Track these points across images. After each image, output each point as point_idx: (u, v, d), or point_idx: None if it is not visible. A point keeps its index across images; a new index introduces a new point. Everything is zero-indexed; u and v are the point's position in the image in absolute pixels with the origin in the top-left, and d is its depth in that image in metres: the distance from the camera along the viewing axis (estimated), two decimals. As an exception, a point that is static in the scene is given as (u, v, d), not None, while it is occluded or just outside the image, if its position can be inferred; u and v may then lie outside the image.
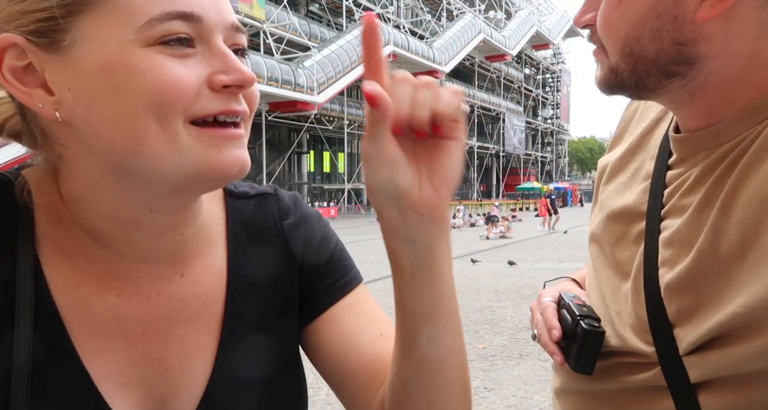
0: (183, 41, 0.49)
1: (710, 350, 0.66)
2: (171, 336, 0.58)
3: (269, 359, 0.64)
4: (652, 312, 0.72)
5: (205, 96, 0.50)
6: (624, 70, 0.70)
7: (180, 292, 0.59)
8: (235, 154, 0.52)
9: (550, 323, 0.85)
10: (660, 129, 0.85)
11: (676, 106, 0.74)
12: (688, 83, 0.68)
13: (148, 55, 0.47)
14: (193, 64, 0.49)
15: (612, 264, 0.83)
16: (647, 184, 0.80)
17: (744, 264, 0.62)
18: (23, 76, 0.50)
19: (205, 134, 0.50)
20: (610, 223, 0.84)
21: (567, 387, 0.86)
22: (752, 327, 0.61)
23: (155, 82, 0.47)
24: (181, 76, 0.48)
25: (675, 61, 0.67)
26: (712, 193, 0.67)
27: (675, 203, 0.73)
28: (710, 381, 0.67)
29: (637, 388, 0.74)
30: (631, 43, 0.68)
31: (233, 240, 0.64)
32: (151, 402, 0.56)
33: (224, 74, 0.50)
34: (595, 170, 1.09)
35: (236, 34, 0.54)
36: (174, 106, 0.48)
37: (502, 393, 4.34)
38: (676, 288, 0.69)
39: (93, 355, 0.53)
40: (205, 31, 0.50)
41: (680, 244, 0.69)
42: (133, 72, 0.47)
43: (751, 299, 0.60)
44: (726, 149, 0.68)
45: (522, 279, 9.39)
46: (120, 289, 0.56)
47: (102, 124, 0.49)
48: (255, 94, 0.55)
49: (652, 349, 0.71)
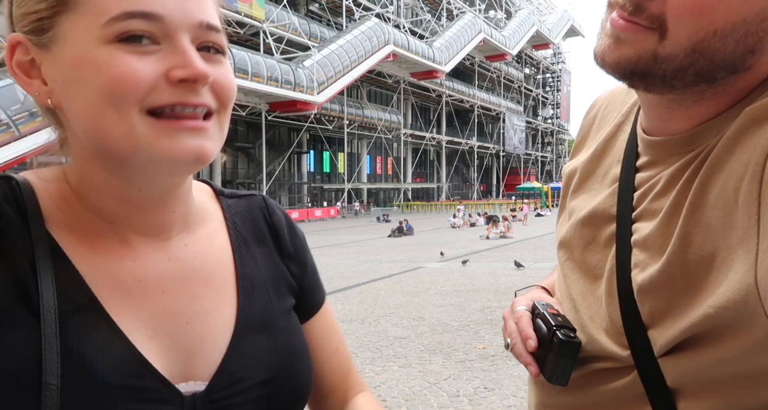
0: (141, 38, 0.53)
1: (685, 352, 0.65)
2: (188, 295, 0.64)
3: (283, 318, 0.71)
4: (626, 314, 0.71)
5: (161, 88, 0.54)
6: (675, 63, 0.63)
7: (189, 258, 0.66)
8: (191, 143, 0.55)
9: (525, 333, 0.83)
10: (623, 133, 0.84)
11: (668, 106, 0.71)
12: (709, 89, 0.66)
13: (108, 51, 0.53)
14: (152, 59, 0.54)
15: (582, 268, 0.82)
16: (615, 187, 0.79)
17: (713, 265, 0.62)
18: (30, 69, 0.57)
19: (160, 124, 0.54)
20: (580, 227, 0.83)
21: (545, 401, 0.85)
22: (724, 329, 0.61)
23: (110, 75, 0.52)
24: (135, 69, 0.53)
25: (730, 67, 0.63)
26: (681, 197, 0.66)
27: (646, 206, 0.72)
28: (688, 387, 0.66)
29: (615, 399, 0.73)
30: (715, 40, 0.61)
31: (232, 226, 0.73)
32: (176, 352, 0.61)
33: (180, 69, 0.54)
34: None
35: (208, 32, 0.57)
36: (126, 97, 0.53)
37: (502, 393, 4.33)
38: (649, 290, 0.68)
39: (119, 312, 0.58)
40: (169, 30, 0.54)
41: (653, 247, 0.69)
42: (93, 65, 0.53)
43: (721, 300, 0.60)
44: (695, 153, 0.67)
45: (522, 279, 9.38)
46: (134, 256, 0.62)
47: (77, 112, 0.55)
48: (225, 89, 0.59)
49: (627, 352, 0.70)
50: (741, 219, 0.59)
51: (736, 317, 0.59)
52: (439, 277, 10.17)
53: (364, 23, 31.87)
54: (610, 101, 0.93)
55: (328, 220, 32.31)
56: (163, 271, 0.63)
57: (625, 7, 0.64)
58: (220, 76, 0.58)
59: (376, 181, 45.01)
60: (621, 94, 0.90)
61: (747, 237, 0.58)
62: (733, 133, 0.63)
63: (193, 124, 0.56)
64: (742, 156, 0.61)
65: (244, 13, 24.36)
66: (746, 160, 0.60)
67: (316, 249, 15.47)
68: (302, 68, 26.70)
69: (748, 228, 0.58)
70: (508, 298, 8.22)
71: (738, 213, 0.59)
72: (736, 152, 0.62)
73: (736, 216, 0.60)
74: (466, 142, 48.84)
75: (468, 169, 53.18)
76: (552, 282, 0.99)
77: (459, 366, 5.04)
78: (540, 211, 32.95)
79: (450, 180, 52.30)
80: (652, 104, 0.73)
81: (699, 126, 0.68)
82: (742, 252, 0.58)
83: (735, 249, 0.59)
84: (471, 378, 4.70)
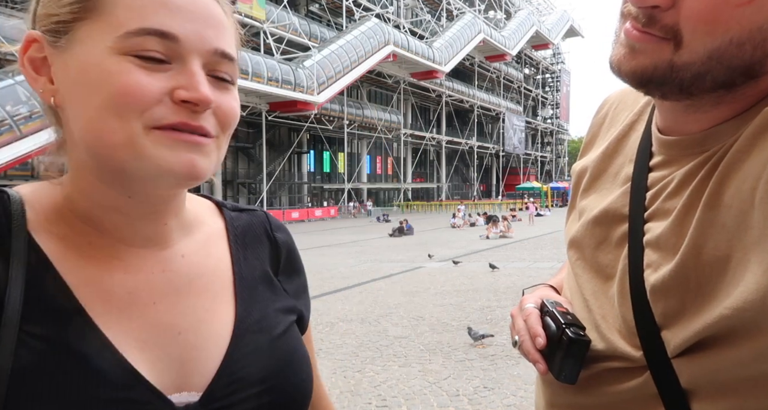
0: (154, 56, 0.55)
1: (700, 352, 0.65)
2: (181, 306, 0.64)
3: (281, 326, 0.70)
4: (638, 315, 0.71)
5: (165, 105, 0.56)
6: (692, 71, 0.62)
7: (184, 269, 0.66)
8: (188, 157, 0.57)
9: (534, 330, 0.82)
10: (636, 132, 0.83)
11: (685, 110, 0.70)
12: (728, 94, 0.65)
13: (119, 61, 0.55)
14: (161, 77, 0.56)
15: (593, 267, 0.82)
16: (627, 187, 0.78)
17: (728, 266, 0.61)
18: (41, 66, 0.59)
19: (163, 136, 0.56)
20: (591, 227, 0.83)
21: (554, 400, 0.84)
22: (741, 331, 0.60)
23: (117, 85, 0.54)
24: (142, 83, 0.54)
25: (749, 73, 0.62)
26: (696, 196, 0.66)
27: (659, 206, 0.72)
28: (702, 388, 0.66)
29: (627, 400, 0.72)
30: (732, 48, 0.60)
31: (233, 238, 0.73)
32: (168, 363, 0.60)
33: (185, 90, 0.56)
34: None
35: (221, 60, 0.59)
36: (130, 108, 0.54)
37: (502, 392, 4.34)
38: (662, 290, 0.68)
39: (108, 323, 0.57)
40: (182, 51, 0.56)
41: (666, 247, 0.69)
42: (103, 74, 0.55)
43: (738, 301, 0.59)
44: (710, 153, 0.67)
45: (522, 279, 9.40)
46: (126, 268, 0.61)
47: (78, 114, 0.57)
48: (228, 117, 0.60)
49: (640, 353, 0.70)
50: (757, 219, 0.58)
51: (754, 318, 0.58)
52: (439, 277, 10.17)
53: (364, 23, 31.87)
54: (621, 100, 0.93)
55: (328, 220, 32.30)
56: (155, 283, 0.63)
57: (639, 19, 0.64)
58: (225, 104, 0.60)
59: (376, 181, 44.97)
60: (632, 93, 0.89)
61: (764, 237, 0.57)
62: (751, 133, 0.62)
63: (191, 138, 0.57)
64: (759, 156, 0.60)
65: (245, 13, 24.40)
66: (764, 160, 0.59)
67: (317, 248, 15.45)
68: (302, 68, 26.70)
69: (764, 229, 0.57)
70: (507, 298, 8.27)
71: (754, 213, 0.58)
72: (754, 152, 0.61)
73: (752, 217, 0.58)
74: (465, 142, 48.84)
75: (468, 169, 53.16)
76: (560, 280, 0.98)
77: (459, 365, 5.05)
78: (540, 211, 32.90)
79: (450, 180, 52.28)
80: (669, 108, 0.73)
81: (715, 127, 0.67)
82: (759, 252, 0.57)
83: (751, 250, 0.58)
84: (471, 378, 4.71)
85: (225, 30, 0.61)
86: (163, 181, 0.58)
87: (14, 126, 13.73)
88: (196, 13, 0.58)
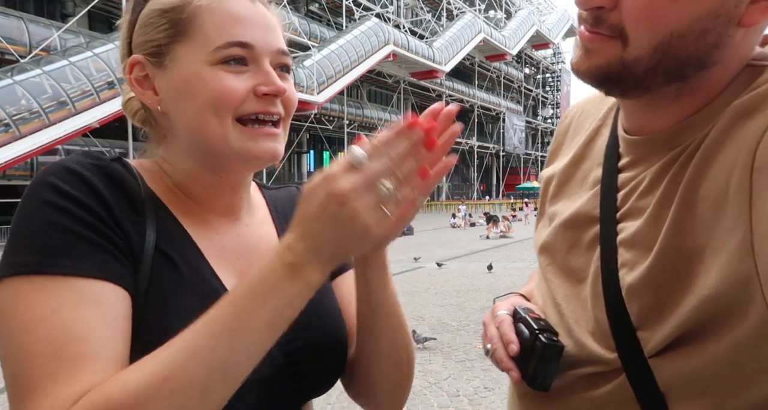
0: (239, 61, 0.72)
1: (677, 350, 0.65)
2: (254, 262, 0.81)
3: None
4: (613, 316, 0.71)
5: (250, 100, 0.73)
6: (643, 66, 0.65)
7: (251, 235, 0.84)
8: (268, 145, 0.75)
9: (507, 337, 0.81)
10: (602, 136, 0.84)
11: (647, 107, 0.72)
12: (684, 87, 0.67)
13: (213, 71, 0.71)
14: (244, 77, 0.73)
15: (565, 271, 0.82)
16: (597, 189, 0.79)
17: (704, 256, 0.62)
18: (143, 82, 0.76)
19: (247, 130, 0.73)
20: (562, 231, 0.83)
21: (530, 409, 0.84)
22: (718, 322, 0.61)
23: (215, 89, 0.71)
24: (233, 86, 0.71)
25: (698, 64, 0.65)
26: (670, 192, 0.67)
27: (632, 205, 0.72)
28: (680, 388, 0.65)
29: (602, 405, 0.72)
30: (675, 41, 0.63)
31: (273, 209, 0.92)
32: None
33: (264, 86, 0.73)
34: None
35: (281, 56, 0.77)
36: (226, 106, 0.71)
37: (502, 392, 4.34)
38: (638, 289, 0.68)
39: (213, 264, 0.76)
40: (256, 55, 0.74)
41: (641, 245, 0.69)
42: (201, 82, 0.71)
43: (712, 284, 0.60)
44: (679, 150, 0.68)
45: (522, 279, 9.38)
46: (216, 230, 0.80)
47: (183, 115, 0.74)
48: (291, 101, 0.78)
49: (614, 355, 0.70)
50: (731, 208, 0.59)
51: (729, 305, 0.59)
52: (439, 277, 10.17)
53: (364, 23, 31.86)
54: (584, 109, 0.95)
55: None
56: (235, 244, 0.81)
57: (588, 20, 0.68)
58: (290, 92, 0.77)
59: (376, 180, 44.86)
60: (594, 102, 0.92)
61: (736, 226, 0.58)
62: (722, 126, 0.63)
63: (269, 130, 0.75)
64: (731, 149, 0.61)
65: (244, 13, 24.42)
66: (736, 152, 0.60)
67: (316, 249, 15.34)
68: (302, 68, 26.67)
69: (737, 218, 0.58)
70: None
71: (728, 203, 0.60)
72: (726, 145, 0.62)
73: (726, 207, 0.60)
74: (466, 141, 48.82)
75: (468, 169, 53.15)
76: (530, 289, 0.98)
77: (459, 365, 5.05)
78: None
79: (450, 180, 52.28)
80: (632, 107, 0.75)
81: (681, 123, 0.69)
82: (732, 239, 0.59)
83: (725, 239, 0.60)
84: (471, 378, 4.70)
85: (278, 30, 0.78)
86: (249, 163, 0.76)
87: (13, 126, 13.73)
88: (259, 22, 0.74)
